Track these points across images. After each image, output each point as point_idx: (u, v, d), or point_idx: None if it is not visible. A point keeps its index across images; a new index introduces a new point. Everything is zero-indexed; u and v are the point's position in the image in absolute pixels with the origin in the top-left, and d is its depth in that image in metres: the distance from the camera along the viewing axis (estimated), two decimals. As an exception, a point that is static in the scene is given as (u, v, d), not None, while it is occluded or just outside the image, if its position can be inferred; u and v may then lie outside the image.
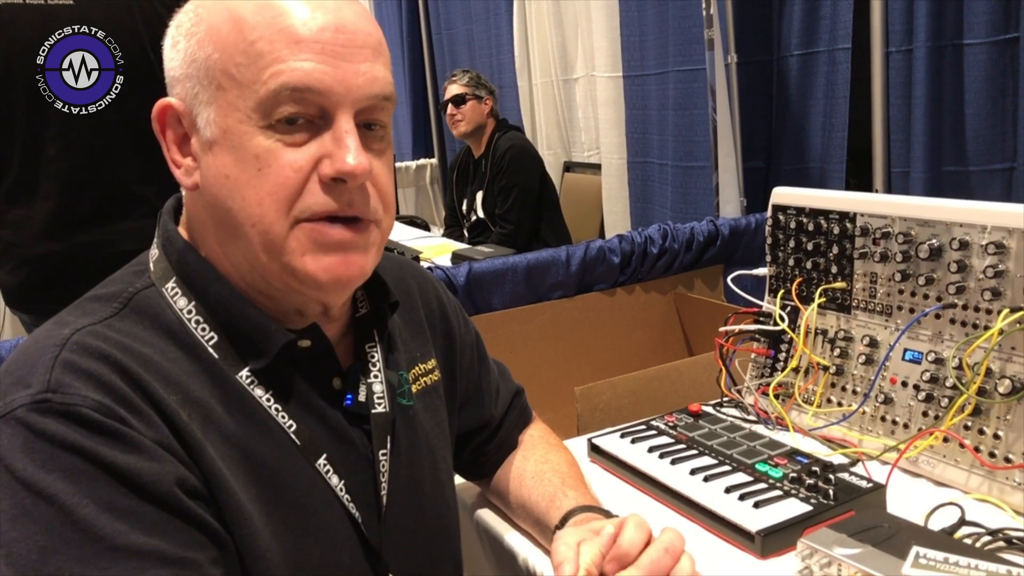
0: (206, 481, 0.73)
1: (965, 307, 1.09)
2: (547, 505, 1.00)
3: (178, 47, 0.80)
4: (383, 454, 0.87)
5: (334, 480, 0.82)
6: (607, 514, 0.95)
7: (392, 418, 0.89)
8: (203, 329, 0.79)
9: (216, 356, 0.79)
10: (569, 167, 4.17)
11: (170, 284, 0.80)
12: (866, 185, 2.43)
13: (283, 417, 0.80)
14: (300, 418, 0.81)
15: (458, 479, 1.11)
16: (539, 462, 1.08)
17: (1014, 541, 0.93)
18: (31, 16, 1.75)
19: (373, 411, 0.87)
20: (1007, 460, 1.02)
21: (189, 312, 0.79)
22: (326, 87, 0.75)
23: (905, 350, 1.15)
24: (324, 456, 0.82)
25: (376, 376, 0.89)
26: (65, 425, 0.67)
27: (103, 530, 0.65)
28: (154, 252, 0.84)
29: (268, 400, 0.80)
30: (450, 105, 3.56)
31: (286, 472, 0.79)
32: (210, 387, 0.77)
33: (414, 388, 0.95)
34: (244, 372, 0.79)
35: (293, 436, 0.80)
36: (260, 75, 0.75)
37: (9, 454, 0.66)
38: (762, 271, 1.39)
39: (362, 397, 0.87)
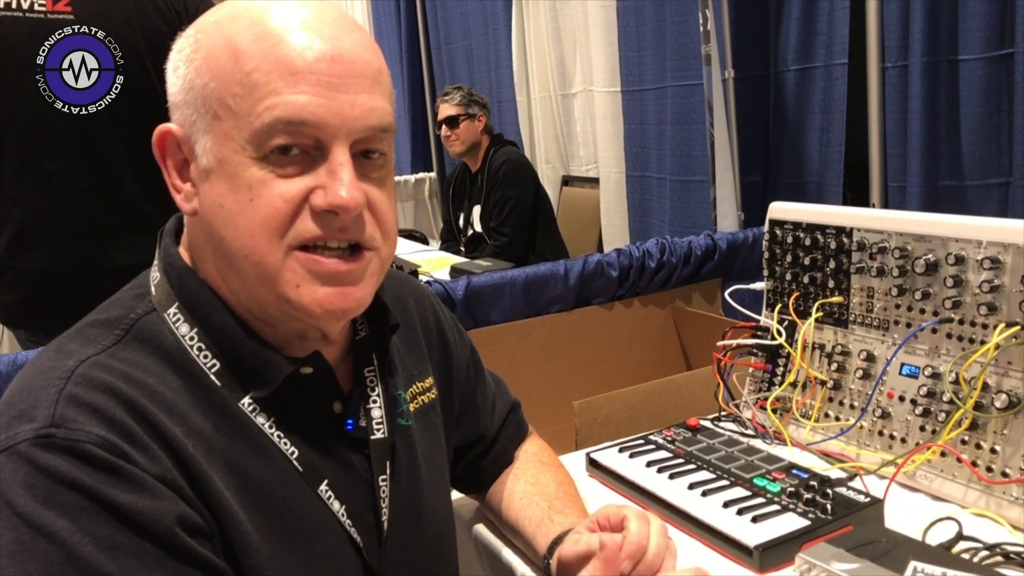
0: (212, 512, 0.73)
1: (961, 322, 1.09)
2: (534, 531, 1.00)
3: (178, 72, 0.80)
4: (383, 479, 0.87)
5: (335, 506, 0.82)
6: None
7: (391, 443, 0.89)
8: (205, 356, 0.79)
9: (218, 384, 0.78)
10: (567, 181, 4.18)
11: (172, 310, 0.80)
12: (863, 200, 2.44)
13: (285, 444, 0.80)
14: (301, 444, 0.81)
15: (455, 493, 1.11)
16: (528, 483, 1.07)
17: (1012, 556, 0.92)
18: (30, 27, 1.75)
19: (372, 437, 0.87)
20: (1004, 474, 1.02)
21: (191, 339, 0.79)
22: (320, 119, 0.74)
23: (902, 364, 1.16)
24: (326, 482, 0.82)
25: (375, 401, 0.89)
26: (68, 462, 0.66)
27: (103, 568, 0.65)
28: (155, 275, 0.83)
29: (270, 427, 0.80)
30: (444, 127, 3.59)
31: (289, 499, 0.79)
32: (212, 416, 0.77)
33: (412, 407, 0.95)
34: (246, 400, 0.79)
35: (295, 463, 0.80)
36: (255, 107, 0.74)
37: (10, 489, 0.66)
38: (759, 285, 1.39)
39: (362, 422, 0.87)
